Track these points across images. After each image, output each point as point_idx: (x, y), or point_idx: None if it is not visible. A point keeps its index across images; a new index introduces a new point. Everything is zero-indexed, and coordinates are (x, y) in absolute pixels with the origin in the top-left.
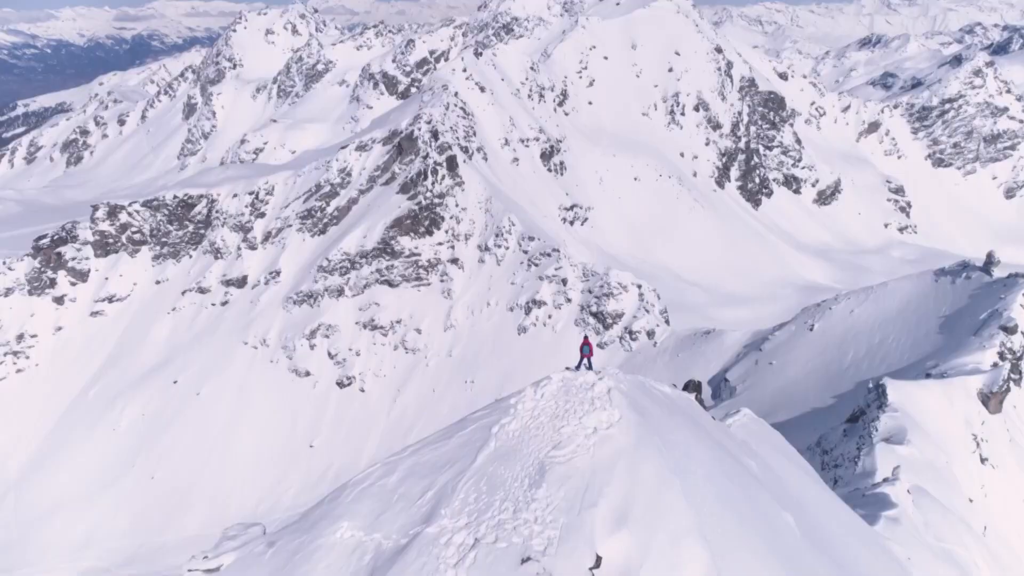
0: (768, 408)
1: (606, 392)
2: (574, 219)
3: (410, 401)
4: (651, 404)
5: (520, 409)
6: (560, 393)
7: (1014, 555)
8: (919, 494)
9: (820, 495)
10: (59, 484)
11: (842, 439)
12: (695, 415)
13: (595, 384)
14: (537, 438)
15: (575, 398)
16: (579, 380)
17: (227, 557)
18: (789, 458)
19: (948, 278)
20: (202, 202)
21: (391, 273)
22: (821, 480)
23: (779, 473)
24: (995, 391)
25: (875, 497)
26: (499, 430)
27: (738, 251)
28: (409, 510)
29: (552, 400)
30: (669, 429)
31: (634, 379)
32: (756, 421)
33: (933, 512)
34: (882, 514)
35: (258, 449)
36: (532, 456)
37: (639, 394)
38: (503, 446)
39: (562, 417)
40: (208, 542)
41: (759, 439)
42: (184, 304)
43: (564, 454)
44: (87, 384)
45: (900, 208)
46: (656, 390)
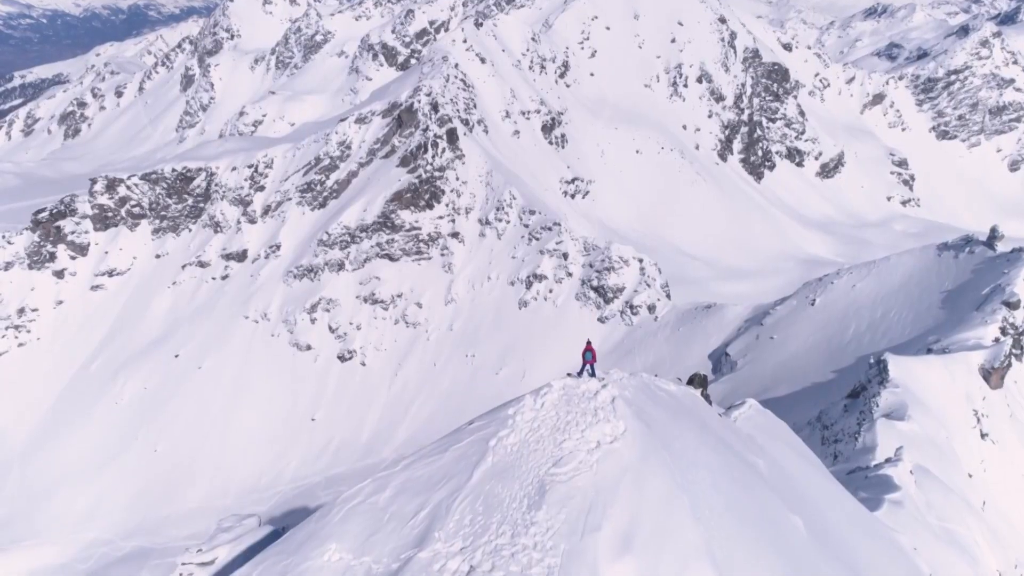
0: (768, 383)
1: (610, 402)
2: (575, 192)
3: (411, 375)
4: (656, 410)
5: (519, 420)
6: (561, 403)
7: (1013, 530)
8: (921, 474)
9: (827, 489)
10: (62, 457)
11: (843, 414)
12: (701, 414)
13: (598, 392)
14: (537, 453)
15: (577, 408)
16: (581, 388)
17: (222, 550)
18: (795, 450)
19: (951, 252)
20: (201, 175)
21: (391, 247)
22: (828, 471)
23: (786, 469)
24: (996, 366)
25: (878, 479)
26: (497, 444)
27: (740, 225)
28: (401, 531)
29: (553, 410)
30: (676, 436)
31: (639, 382)
32: (761, 412)
33: (935, 492)
34: (885, 497)
35: (259, 423)
36: (531, 473)
37: (644, 399)
38: (501, 462)
39: (563, 430)
40: (210, 515)
41: (765, 432)
42: (184, 278)
43: (565, 472)
44: (89, 358)
45: (903, 181)
46: (661, 391)
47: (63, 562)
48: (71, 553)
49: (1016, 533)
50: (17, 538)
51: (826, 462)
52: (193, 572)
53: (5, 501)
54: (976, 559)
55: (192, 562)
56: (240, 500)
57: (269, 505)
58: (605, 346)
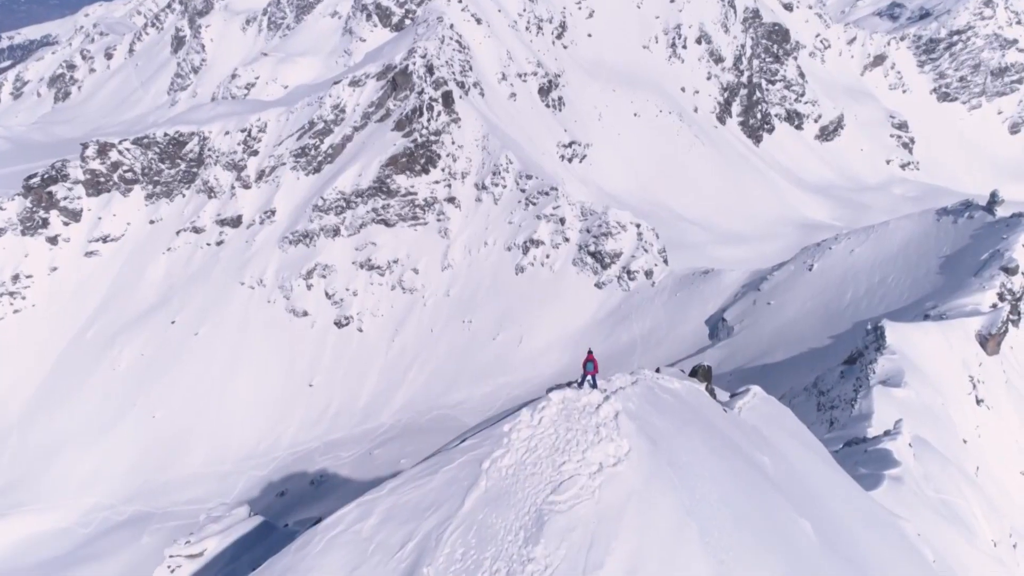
0: (765, 348)
1: (612, 417)
2: (572, 156)
3: (408, 341)
4: (662, 420)
5: (514, 439)
6: (560, 418)
7: (1006, 495)
8: (920, 445)
9: (832, 481)
10: (61, 423)
11: (839, 381)
12: (706, 413)
13: (600, 406)
14: (534, 477)
15: (577, 424)
16: (582, 401)
17: (211, 542)
18: (800, 440)
19: (950, 217)
20: (194, 140)
21: (387, 212)
22: (832, 460)
23: (792, 464)
24: (993, 333)
25: (877, 453)
26: (490, 466)
27: (738, 189)
28: (387, 565)
29: (551, 427)
30: (682, 449)
31: (642, 387)
32: (765, 401)
33: (933, 463)
34: (885, 473)
35: (257, 388)
36: (528, 501)
37: (648, 409)
38: (495, 487)
39: (563, 450)
40: (210, 480)
41: (769, 422)
42: (179, 244)
43: (565, 500)
44: (85, 324)
45: (903, 144)
46: (665, 393)
47: (64, 527)
48: (72, 518)
49: (1009, 499)
50: (18, 504)
51: (822, 428)
52: (182, 564)
53: (5, 468)
54: (972, 531)
55: (180, 554)
56: (239, 465)
57: (268, 470)
58: (601, 312)
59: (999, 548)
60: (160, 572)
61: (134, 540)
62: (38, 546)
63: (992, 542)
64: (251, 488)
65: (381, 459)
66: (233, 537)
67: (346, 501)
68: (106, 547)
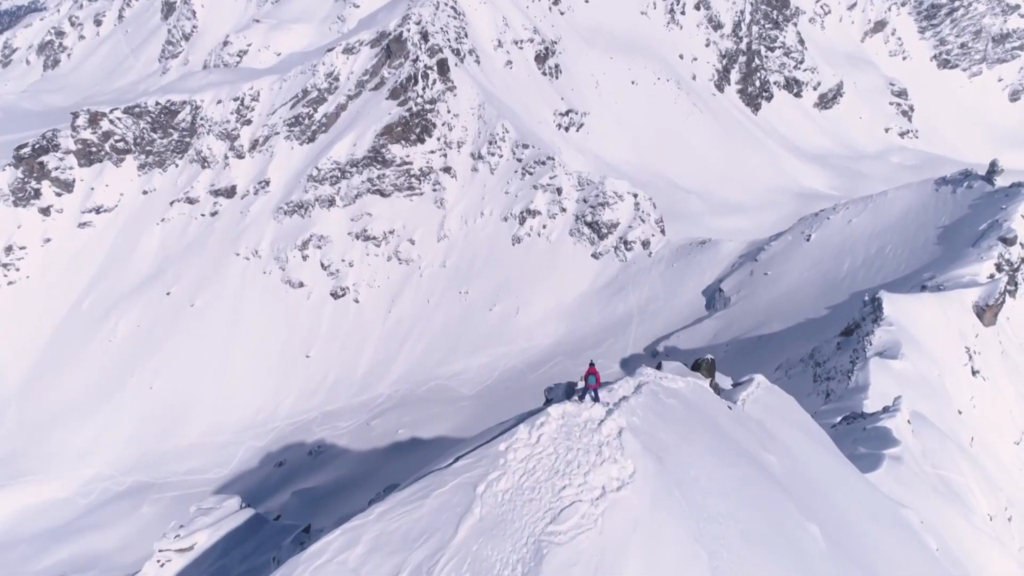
0: (762, 318)
1: (616, 435)
2: (569, 125)
3: (405, 312)
4: (667, 431)
5: (511, 460)
6: (560, 436)
7: (998, 464)
8: (918, 421)
9: (838, 475)
10: (59, 395)
11: (836, 352)
12: (711, 414)
13: (603, 422)
14: (532, 504)
15: (579, 443)
16: (583, 416)
17: (201, 535)
18: (804, 431)
19: (949, 187)
20: (186, 109)
21: (383, 182)
22: (835, 448)
23: (798, 460)
24: (991, 304)
25: (876, 431)
26: (485, 490)
27: (736, 157)
28: None
29: (551, 446)
30: (689, 463)
31: (647, 396)
32: (769, 391)
33: (931, 439)
34: (885, 453)
35: (255, 359)
36: (526, 530)
37: (653, 420)
38: (490, 515)
39: (563, 473)
40: (208, 451)
41: (773, 413)
42: (173, 215)
43: (565, 530)
44: (80, 296)
45: (902, 112)
46: (670, 396)
47: (64, 497)
48: (72, 488)
49: (1003, 469)
50: (17, 474)
51: (818, 400)
52: (172, 559)
53: (4, 439)
54: (969, 506)
55: (170, 548)
56: (237, 436)
57: (266, 441)
58: (598, 282)
59: (995, 522)
60: (150, 567)
61: (134, 510)
62: (38, 516)
63: (988, 516)
64: (249, 458)
65: (379, 429)
66: (224, 531)
67: (345, 471)
68: (106, 517)
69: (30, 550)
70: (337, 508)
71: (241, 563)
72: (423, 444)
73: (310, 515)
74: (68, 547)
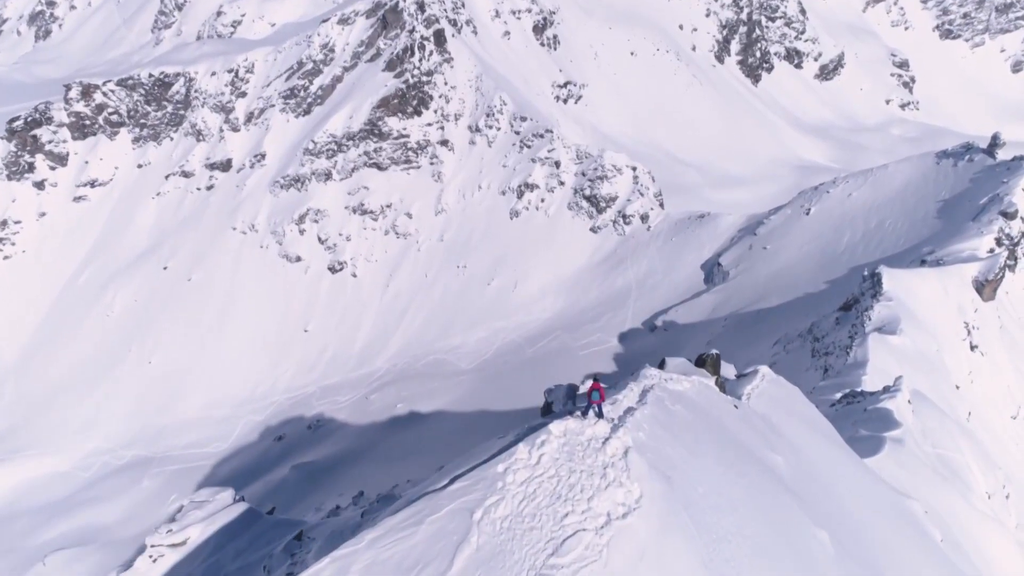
0: (761, 293)
1: (621, 455)
2: (568, 97)
3: (402, 286)
4: (675, 445)
5: (510, 483)
6: (563, 456)
7: (994, 438)
8: (918, 400)
9: (842, 467)
10: (58, 369)
11: (834, 327)
12: (718, 416)
13: (608, 440)
14: (533, 532)
15: (582, 464)
16: (586, 434)
17: (194, 530)
18: (808, 423)
19: (950, 160)
20: (179, 81)
21: (379, 156)
22: (840, 439)
23: (805, 457)
24: (990, 279)
25: (877, 413)
26: (483, 517)
27: (736, 130)
28: None
29: (552, 467)
30: (698, 480)
31: (652, 405)
32: (774, 382)
33: (931, 418)
34: (886, 436)
35: (253, 334)
36: (527, 562)
37: (660, 433)
38: (488, 544)
39: (565, 498)
40: (208, 425)
41: (779, 407)
42: (168, 188)
43: (569, 563)
44: (76, 270)
45: (904, 83)
46: (676, 402)
47: (64, 470)
48: (72, 462)
49: (999, 444)
50: (17, 449)
51: (816, 375)
52: (164, 554)
53: (3, 413)
54: (968, 485)
55: (162, 544)
56: (236, 410)
57: (265, 415)
58: (597, 257)
59: (993, 500)
60: (141, 562)
61: (134, 484)
62: (38, 490)
63: (987, 495)
64: (249, 432)
65: (378, 403)
66: (217, 525)
67: (343, 445)
68: (107, 490)
69: (31, 523)
70: (337, 482)
71: (234, 559)
72: (422, 418)
73: (310, 489)
74: (69, 520)
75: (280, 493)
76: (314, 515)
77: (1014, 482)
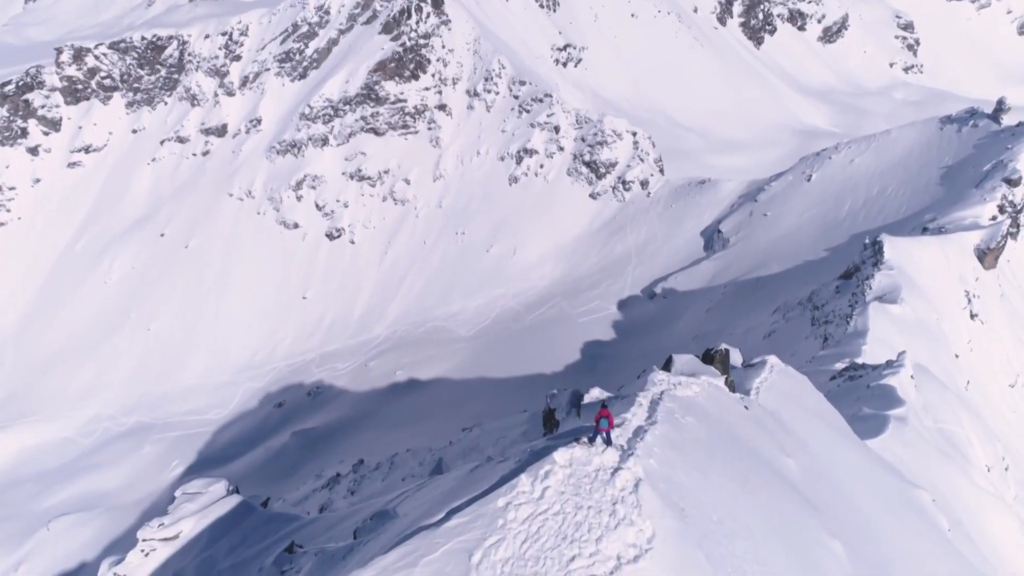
0: (760, 260)
1: (632, 488)
2: (567, 60)
3: (401, 253)
4: (686, 466)
5: (511, 521)
6: (569, 489)
7: (992, 407)
8: (920, 375)
9: (851, 462)
10: (57, 336)
11: (834, 295)
12: (729, 421)
13: (617, 472)
14: None
15: (589, 500)
16: (594, 464)
17: (186, 523)
18: (818, 416)
19: (954, 126)
20: (173, 44)
21: (376, 121)
22: (849, 430)
23: (817, 457)
24: (992, 247)
25: (880, 389)
26: (482, 560)
27: (737, 94)
28: None
29: (557, 502)
30: (712, 502)
31: (663, 424)
32: (783, 374)
33: (932, 392)
34: (890, 415)
35: (251, 301)
36: None
37: (672, 456)
38: None
39: (571, 539)
40: (208, 392)
41: (789, 401)
42: (164, 154)
43: None
44: (73, 237)
45: (908, 46)
46: (687, 414)
47: (66, 436)
48: (74, 428)
49: (994, 409)
50: (18, 415)
51: (815, 344)
52: (156, 548)
53: (3, 380)
54: (969, 459)
55: (154, 538)
56: (236, 377)
57: (265, 381)
58: (596, 223)
59: (992, 473)
60: (134, 556)
61: (136, 450)
62: (41, 456)
63: (986, 467)
64: (249, 399)
65: (377, 370)
66: (210, 519)
67: (343, 412)
68: (109, 457)
69: (35, 489)
70: (336, 449)
71: (227, 555)
72: (421, 385)
73: (310, 455)
74: (72, 486)
75: (280, 459)
76: (314, 482)
77: (1012, 452)
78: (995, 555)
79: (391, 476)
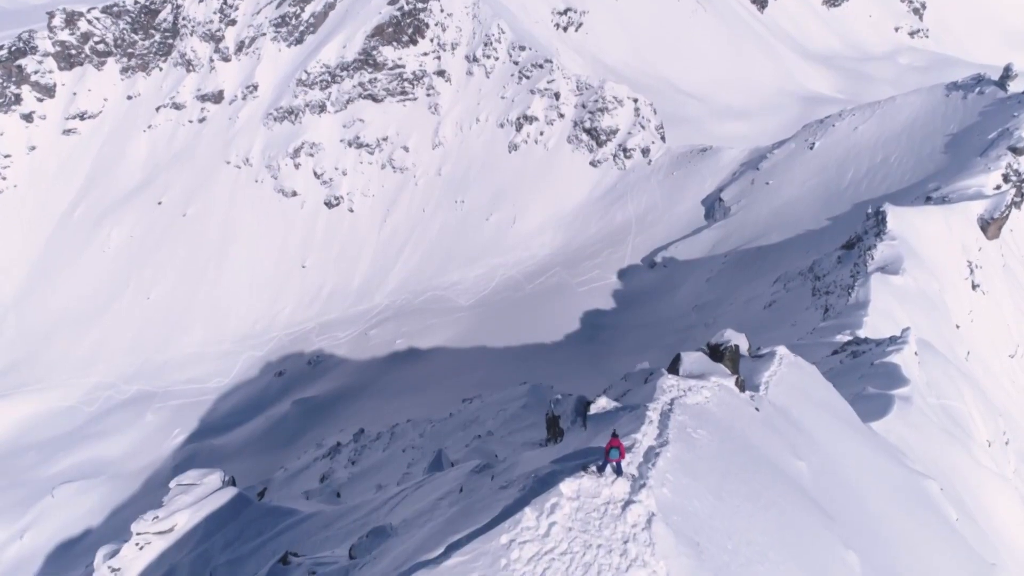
0: (762, 229)
1: (645, 523)
2: (568, 24)
3: (400, 221)
4: (699, 492)
5: (515, 561)
6: (577, 525)
7: (992, 378)
8: (923, 350)
9: (863, 459)
10: (56, 305)
11: (836, 266)
12: (740, 429)
13: (628, 506)
14: None
15: (598, 536)
16: (603, 495)
17: (181, 516)
18: (828, 410)
19: (960, 93)
20: (167, 8)
21: (374, 87)
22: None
23: (828, 457)
24: (996, 217)
25: (884, 368)
26: None
27: (740, 59)
28: None
29: (564, 540)
30: (726, 530)
31: (676, 442)
32: (792, 365)
33: (935, 368)
34: (894, 395)
35: (250, 269)
36: None
37: (685, 482)
38: None
39: None
40: (209, 360)
41: (798, 394)
42: (160, 121)
43: None
44: (70, 205)
45: (913, 10)
46: (698, 427)
47: (69, 404)
48: (75, 397)
49: (995, 380)
50: (20, 384)
51: (816, 315)
52: (151, 542)
53: (4, 349)
54: (970, 434)
55: (148, 531)
56: (236, 345)
57: (265, 350)
58: (596, 191)
59: (993, 447)
60: (128, 549)
61: (138, 418)
62: (44, 424)
63: (987, 442)
64: (249, 368)
65: (377, 340)
66: (205, 511)
67: (343, 381)
68: (111, 425)
69: (38, 457)
70: (337, 417)
71: (223, 550)
72: (421, 354)
73: (310, 424)
74: (75, 454)
75: (281, 428)
76: (315, 451)
77: (1011, 422)
78: (998, 536)
79: (392, 447)
